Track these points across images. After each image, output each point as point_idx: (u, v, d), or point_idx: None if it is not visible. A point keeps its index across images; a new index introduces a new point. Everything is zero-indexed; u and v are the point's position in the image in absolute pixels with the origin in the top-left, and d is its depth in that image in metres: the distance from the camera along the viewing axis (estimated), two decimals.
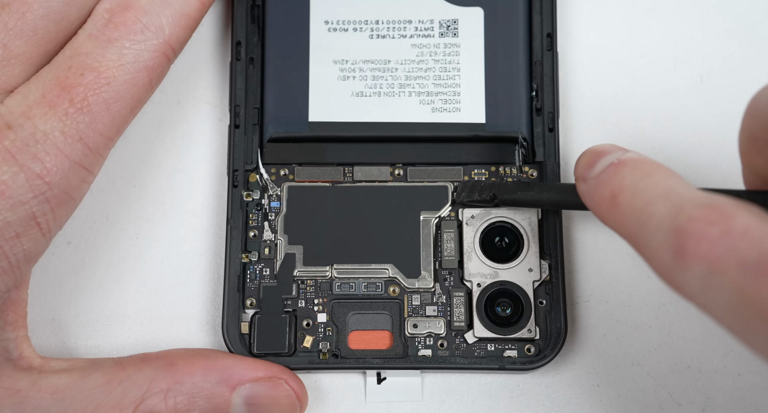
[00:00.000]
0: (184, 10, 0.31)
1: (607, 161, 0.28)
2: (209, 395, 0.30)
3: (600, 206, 0.27)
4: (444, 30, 0.34)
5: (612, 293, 0.34)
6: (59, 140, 0.28)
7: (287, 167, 0.34)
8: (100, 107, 0.29)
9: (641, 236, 0.25)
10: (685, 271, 0.23)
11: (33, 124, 0.28)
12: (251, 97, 0.34)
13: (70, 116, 0.28)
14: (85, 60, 0.29)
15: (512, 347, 0.32)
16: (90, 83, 0.29)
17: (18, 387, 0.29)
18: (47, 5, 0.29)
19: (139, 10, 0.30)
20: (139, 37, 0.30)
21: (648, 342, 0.33)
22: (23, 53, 0.29)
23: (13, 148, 0.27)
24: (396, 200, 0.34)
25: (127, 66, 0.29)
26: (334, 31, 0.35)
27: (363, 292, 0.33)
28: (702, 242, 0.23)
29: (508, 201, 0.33)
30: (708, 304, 0.23)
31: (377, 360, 0.32)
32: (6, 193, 0.27)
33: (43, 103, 0.28)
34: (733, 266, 0.22)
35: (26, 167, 0.27)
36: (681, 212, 0.24)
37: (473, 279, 0.33)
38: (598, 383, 0.33)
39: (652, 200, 0.25)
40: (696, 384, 0.33)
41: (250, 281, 0.33)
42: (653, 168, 0.26)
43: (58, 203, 0.28)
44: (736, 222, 0.23)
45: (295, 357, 0.32)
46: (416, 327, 0.33)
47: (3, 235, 0.27)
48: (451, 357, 0.32)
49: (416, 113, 0.34)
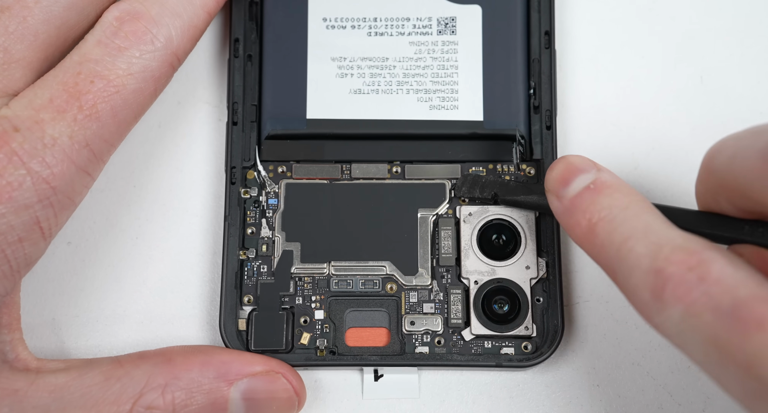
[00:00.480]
0: (193, 21, 0.31)
1: (582, 182, 0.28)
2: (207, 390, 0.30)
3: (576, 231, 0.28)
4: (442, 28, 0.35)
5: (612, 293, 0.34)
6: (67, 146, 0.28)
7: (285, 164, 0.34)
8: (107, 115, 0.29)
9: (619, 270, 0.26)
10: (663, 312, 0.24)
11: (41, 128, 0.28)
12: (249, 95, 0.34)
13: (78, 123, 0.28)
14: (94, 67, 0.29)
15: (509, 344, 0.32)
16: (99, 91, 0.29)
17: (16, 387, 0.29)
18: (48, 10, 0.29)
19: (150, 21, 0.30)
20: (149, 47, 0.30)
21: (648, 342, 0.33)
22: (24, 57, 0.29)
23: (21, 150, 0.27)
24: (393, 197, 0.34)
25: (136, 75, 0.29)
26: (332, 28, 0.35)
27: (360, 289, 0.33)
28: (680, 286, 0.24)
29: (509, 202, 0.33)
30: (683, 344, 0.24)
31: (374, 357, 0.32)
32: (12, 195, 0.27)
33: (51, 107, 0.28)
34: (707, 311, 0.23)
35: (33, 171, 0.27)
36: (659, 253, 0.25)
37: (470, 277, 0.33)
38: (598, 383, 0.33)
39: (630, 236, 0.26)
40: (696, 384, 0.33)
41: (247, 278, 0.33)
42: (629, 200, 0.27)
43: (61, 207, 0.29)
44: (712, 268, 0.24)
45: (293, 353, 0.32)
46: (413, 324, 0.33)
47: (6, 239, 0.27)
48: (448, 355, 0.32)
49: (414, 111, 0.34)
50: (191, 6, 0.31)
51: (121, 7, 0.30)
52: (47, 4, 0.29)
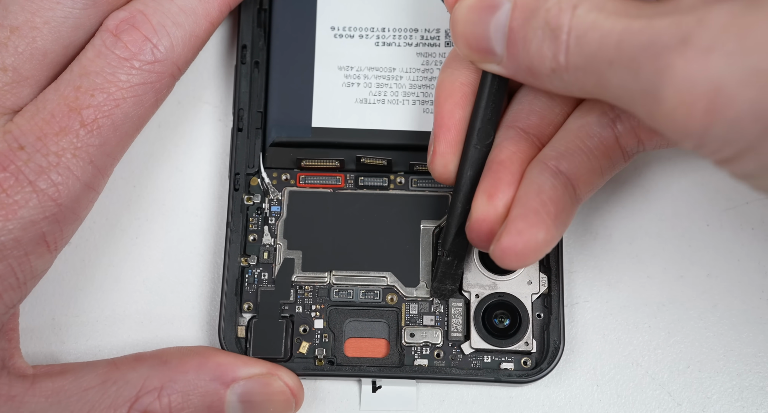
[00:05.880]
0: (195, 31, 0.31)
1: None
2: (203, 392, 0.30)
3: (541, 64, 0.26)
4: (450, 39, 0.34)
5: (612, 293, 0.34)
6: (71, 163, 0.28)
7: (289, 171, 0.34)
8: (108, 129, 0.29)
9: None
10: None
11: (45, 145, 0.28)
12: (255, 101, 0.34)
13: (81, 139, 0.28)
14: (94, 80, 0.29)
15: (509, 359, 0.32)
16: (100, 105, 0.29)
17: (13, 393, 0.29)
18: (56, 30, 0.29)
19: (150, 30, 0.30)
20: (149, 57, 0.29)
21: (648, 342, 0.33)
22: (32, 76, 0.29)
23: (26, 169, 0.28)
24: (396, 208, 0.34)
25: (136, 88, 0.29)
26: (340, 37, 0.35)
27: (361, 299, 0.33)
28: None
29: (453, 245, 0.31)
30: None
31: (373, 368, 0.32)
32: (18, 213, 0.27)
33: (53, 123, 0.28)
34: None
35: (39, 189, 0.28)
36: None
37: (472, 290, 0.33)
38: (598, 383, 0.33)
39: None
40: (696, 384, 0.33)
41: (248, 285, 0.33)
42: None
43: (67, 222, 0.29)
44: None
45: (291, 362, 0.32)
46: (413, 336, 0.33)
47: (12, 254, 0.28)
48: (447, 368, 0.32)
49: (419, 122, 0.34)
50: (193, 15, 0.31)
51: (120, 16, 0.30)
52: (56, 25, 0.29)
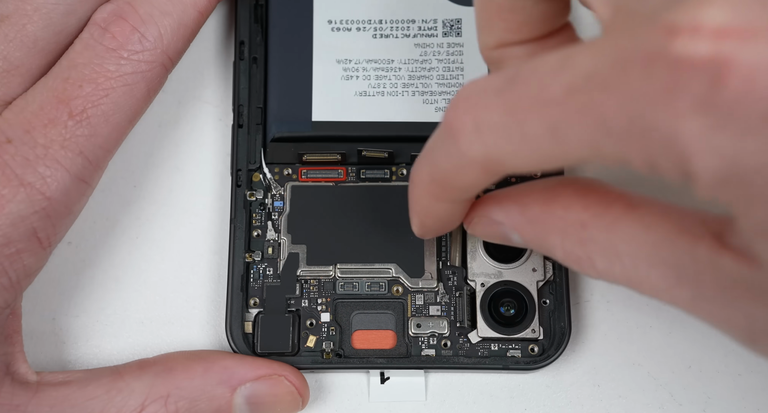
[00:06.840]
0: (183, 20, 0.30)
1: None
2: (210, 397, 0.30)
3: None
4: (447, 29, 0.34)
5: (613, 292, 0.34)
6: (59, 154, 0.28)
7: (290, 166, 0.34)
8: (99, 120, 0.29)
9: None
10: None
11: (32, 138, 0.28)
12: (254, 97, 0.34)
13: (69, 129, 0.28)
14: (82, 71, 0.29)
15: (516, 347, 0.32)
16: (88, 95, 0.28)
17: (17, 401, 0.28)
18: (48, 17, 0.29)
19: (137, 20, 0.30)
20: (137, 47, 0.29)
21: (649, 341, 0.33)
22: (23, 65, 0.29)
23: (12, 162, 0.27)
24: (399, 199, 0.34)
25: (126, 77, 0.29)
26: (338, 30, 0.35)
27: (366, 292, 0.33)
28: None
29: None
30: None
31: (381, 360, 0.32)
32: (6, 208, 0.27)
33: (41, 115, 0.28)
34: None
35: (26, 183, 0.27)
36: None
37: (477, 279, 0.33)
38: (599, 383, 0.33)
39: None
40: (697, 384, 0.33)
41: (253, 281, 0.33)
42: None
43: (59, 217, 0.28)
44: None
45: (299, 356, 0.32)
46: (420, 326, 0.33)
47: (2, 251, 0.27)
48: (454, 357, 0.32)
49: (420, 113, 0.34)
50: (181, 5, 0.31)
51: (107, 8, 0.30)
52: (46, 11, 0.29)
